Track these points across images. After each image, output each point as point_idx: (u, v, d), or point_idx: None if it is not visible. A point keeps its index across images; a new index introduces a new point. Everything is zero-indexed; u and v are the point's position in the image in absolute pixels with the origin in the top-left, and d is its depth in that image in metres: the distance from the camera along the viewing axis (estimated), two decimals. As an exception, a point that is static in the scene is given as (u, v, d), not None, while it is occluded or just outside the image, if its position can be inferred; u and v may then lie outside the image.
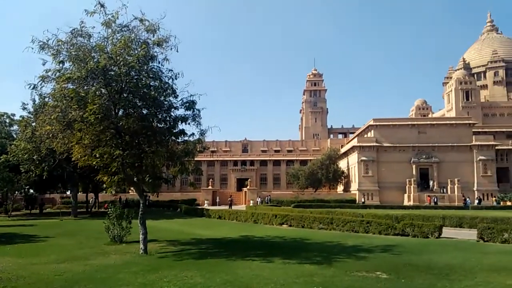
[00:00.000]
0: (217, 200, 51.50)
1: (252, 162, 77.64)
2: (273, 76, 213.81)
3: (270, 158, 77.93)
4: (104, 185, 14.95)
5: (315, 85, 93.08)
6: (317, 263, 10.31)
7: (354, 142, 59.13)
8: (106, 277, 9.02)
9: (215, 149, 78.18)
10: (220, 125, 15.69)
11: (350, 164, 62.11)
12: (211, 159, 75.35)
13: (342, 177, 63.02)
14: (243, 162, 77.70)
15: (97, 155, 12.18)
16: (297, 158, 77.01)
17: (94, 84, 11.85)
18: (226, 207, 38.18)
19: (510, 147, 60.36)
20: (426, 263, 10.33)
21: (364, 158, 55.81)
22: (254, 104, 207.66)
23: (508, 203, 49.23)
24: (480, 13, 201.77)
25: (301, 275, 8.88)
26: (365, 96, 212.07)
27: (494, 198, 52.67)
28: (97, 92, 11.81)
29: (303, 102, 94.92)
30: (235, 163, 77.68)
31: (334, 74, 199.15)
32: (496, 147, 56.92)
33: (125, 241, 14.86)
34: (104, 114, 11.63)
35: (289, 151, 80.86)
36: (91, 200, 45.67)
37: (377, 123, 57.53)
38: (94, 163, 12.61)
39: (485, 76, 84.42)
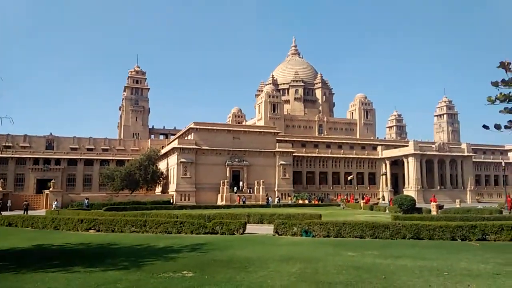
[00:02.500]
0: (8, 205, 43.28)
1: (58, 161, 68.86)
2: (89, 69, 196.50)
3: (81, 157, 70.76)
4: None
5: (137, 82, 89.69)
6: (123, 269, 9.70)
7: (175, 144, 59.51)
8: None
9: (10, 144, 66.17)
10: (19, 116, 13.18)
11: (170, 165, 62.20)
12: (3, 155, 63.34)
13: (161, 178, 62.44)
14: (47, 161, 68.11)
15: None
16: (114, 158, 72.42)
17: None
18: (21, 212, 32.48)
19: (303, 154, 71.74)
20: (229, 258, 11.04)
21: (183, 160, 56.76)
22: (65, 97, 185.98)
23: (300, 201, 58.43)
24: (289, 37, 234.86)
25: (103, 283, 8.17)
26: (188, 99, 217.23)
27: (290, 197, 61.60)
28: None
29: (123, 99, 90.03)
30: (36, 161, 67.44)
31: (159, 73, 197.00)
32: (294, 154, 66.74)
33: None
34: None
35: (104, 150, 75.05)
36: None
37: (197, 127, 59.51)
38: None
39: (288, 93, 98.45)
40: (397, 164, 74.88)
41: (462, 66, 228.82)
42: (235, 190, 58.04)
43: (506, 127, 9.21)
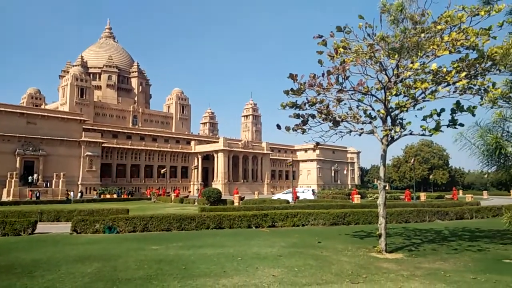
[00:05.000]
0: None
1: None
2: None
3: None
4: None
5: None
6: None
7: None
8: None
9: None
10: None
11: None
12: None
13: None
14: None
15: None
16: None
17: None
18: None
19: (114, 146, 67.59)
20: (10, 263, 9.29)
21: (-48, 146, 45.20)
22: None
23: (108, 196, 54.84)
24: (103, 17, 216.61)
25: None
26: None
27: (95, 192, 57.06)
28: None
29: None
30: None
31: None
32: (103, 145, 62.10)
33: None
34: None
35: None
36: None
37: (-23, 106, 48.42)
38: None
39: (100, 78, 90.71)
40: (208, 159, 79.10)
41: (267, 72, 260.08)
42: (28, 184, 49.89)
43: (293, 129, 10.81)
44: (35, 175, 51.95)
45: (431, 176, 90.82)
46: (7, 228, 15.27)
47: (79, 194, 51.85)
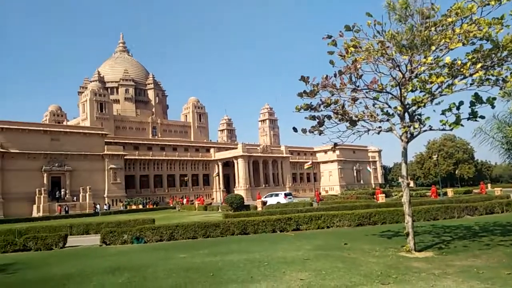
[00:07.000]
0: None
1: None
2: None
3: None
4: None
5: None
6: None
7: (-29, 147, 48.75)
8: None
9: None
10: None
11: (-36, 173, 50.63)
12: None
13: (-49, 190, 50.15)
14: None
15: None
16: None
17: None
18: None
19: (136, 157, 68.85)
20: (43, 277, 9.61)
21: (-16, 166, 46.97)
22: None
23: (134, 207, 55.84)
24: (115, 31, 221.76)
25: None
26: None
27: (121, 203, 58.16)
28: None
29: None
30: None
31: None
32: (125, 157, 63.34)
33: None
34: None
35: None
36: None
37: (3, 126, 50.23)
38: None
39: (117, 92, 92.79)
40: (228, 165, 79.53)
41: (284, 75, 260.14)
42: (56, 199, 51.34)
43: (310, 131, 10.82)
44: (62, 190, 53.43)
45: (456, 171, 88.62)
46: (39, 243, 15.79)
47: (106, 206, 52.98)
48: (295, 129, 10.69)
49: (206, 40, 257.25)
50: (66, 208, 49.07)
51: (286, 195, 44.93)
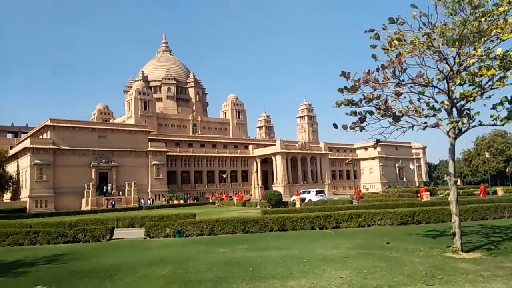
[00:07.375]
0: None
1: None
2: None
3: None
4: None
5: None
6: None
7: (27, 143, 52.09)
8: None
9: None
10: None
11: (21, 168, 54.28)
12: None
13: (10, 183, 54.00)
14: None
15: None
16: None
17: None
18: None
19: (178, 154, 70.67)
20: (92, 267, 10.14)
21: (38, 162, 50.08)
22: None
23: (175, 202, 57.46)
24: (159, 31, 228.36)
25: None
26: (43, 94, 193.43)
27: (164, 198, 60.02)
28: None
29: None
30: None
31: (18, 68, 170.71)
32: (167, 153, 65.20)
33: None
34: None
35: None
36: None
37: (55, 124, 53.18)
38: None
39: (160, 90, 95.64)
40: (266, 161, 79.71)
41: (321, 69, 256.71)
42: (104, 193, 53.88)
43: (351, 127, 10.60)
44: (109, 185, 55.96)
45: (507, 169, 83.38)
46: (88, 235, 16.66)
47: (149, 201, 54.91)
48: (335, 126, 10.50)
49: (245, 38, 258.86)
50: (113, 202, 51.37)
51: (317, 192, 44.58)
